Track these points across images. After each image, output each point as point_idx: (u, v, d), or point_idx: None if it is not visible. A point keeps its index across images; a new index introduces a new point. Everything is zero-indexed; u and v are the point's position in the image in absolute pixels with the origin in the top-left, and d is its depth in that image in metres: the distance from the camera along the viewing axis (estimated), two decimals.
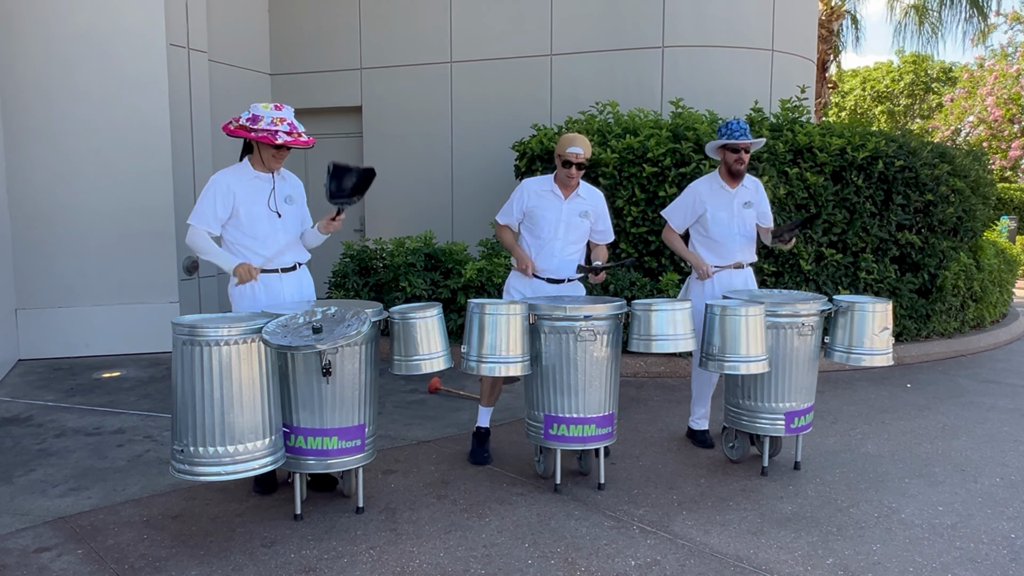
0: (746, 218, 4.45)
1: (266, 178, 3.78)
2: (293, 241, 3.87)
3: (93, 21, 6.82)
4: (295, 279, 3.87)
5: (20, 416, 5.20)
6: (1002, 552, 3.25)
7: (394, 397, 5.71)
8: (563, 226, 4.18)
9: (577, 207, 4.21)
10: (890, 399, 5.70)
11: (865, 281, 6.89)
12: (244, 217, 3.71)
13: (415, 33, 8.81)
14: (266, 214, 3.75)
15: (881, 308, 4.01)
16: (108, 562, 3.11)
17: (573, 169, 4.10)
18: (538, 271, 4.20)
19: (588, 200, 4.26)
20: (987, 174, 8.07)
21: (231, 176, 3.74)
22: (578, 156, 4.08)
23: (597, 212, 4.30)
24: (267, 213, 3.75)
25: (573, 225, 4.20)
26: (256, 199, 3.74)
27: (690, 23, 8.05)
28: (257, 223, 3.73)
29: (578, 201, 4.22)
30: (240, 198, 3.71)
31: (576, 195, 4.22)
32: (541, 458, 4.04)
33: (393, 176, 8.96)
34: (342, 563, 3.10)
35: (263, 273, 3.76)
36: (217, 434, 3.08)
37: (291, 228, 3.85)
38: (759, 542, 3.32)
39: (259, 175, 3.77)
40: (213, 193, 3.69)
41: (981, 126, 23.62)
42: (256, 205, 3.73)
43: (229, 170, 3.79)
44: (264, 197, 3.75)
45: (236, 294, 3.76)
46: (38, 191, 6.81)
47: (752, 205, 4.46)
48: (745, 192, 4.45)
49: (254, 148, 3.75)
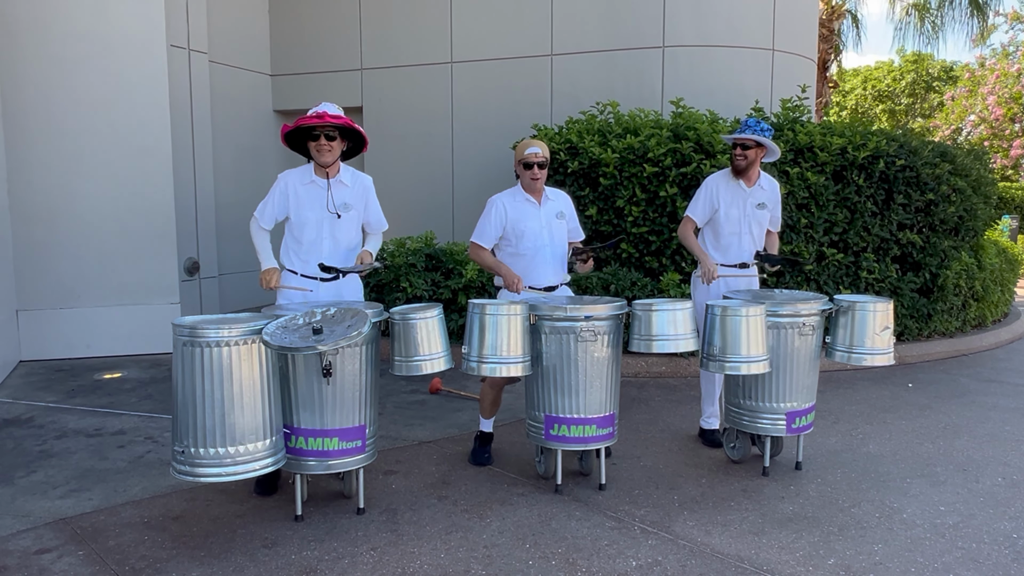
0: (758, 219, 4.43)
1: (322, 183, 3.81)
2: (343, 249, 3.87)
3: (93, 22, 6.83)
4: (334, 288, 3.88)
5: (21, 417, 5.20)
6: (1004, 552, 3.24)
7: (395, 398, 5.71)
8: (547, 232, 4.18)
9: (552, 209, 4.25)
10: (891, 399, 5.70)
11: (866, 280, 6.89)
12: (295, 220, 3.81)
13: (415, 33, 8.81)
14: (314, 221, 3.79)
15: (882, 307, 4.01)
16: (109, 563, 3.11)
17: (535, 169, 4.12)
18: (526, 287, 4.14)
19: (557, 201, 4.30)
20: (988, 173, 8.06)
21: (294, 176, 3.83)
22: (537, 156, 4.11)
23: (569, 211, 4.35)
24: (315, 220, 3.79)
25: (555, 228, 4.23)
26: (310, 204, 3.79)
27: (690, 23, 8.04)
28: (304, 228, 3.80)
29: (550, 204, 4.26)
30: (294, 201, 3.79)
31: (546, 198, 4.25)
32: (542, 458, 4.03)
33: (394, 177, 8.96)
34: (343, 564, 3.10)
35: (303, 278, 3.82)
36: (218, 435, 3.08)
37: (342, 236, 3.85)
38: (760, 542, 3.31)
39: (315, 179, 3.81)
40: (276, 190, 3.82)
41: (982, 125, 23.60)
42: (306, 210, 3.79)
43: (295, 170, 3.87)
44: (317, 202, 3.79)
45: (278, 293, 3.87)
46: (39, 192, 6.81)
47: (766, 207, 4.44)
48: (761, 193, 4.43)
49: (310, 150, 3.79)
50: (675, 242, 6.62)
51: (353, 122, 3.79)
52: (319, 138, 3.70)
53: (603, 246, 4.15)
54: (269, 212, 3.84)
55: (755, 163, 4.38)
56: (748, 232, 4.42)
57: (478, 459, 4.28)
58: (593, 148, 6.75)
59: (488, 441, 4.36)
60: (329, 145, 3.73)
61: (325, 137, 3.71)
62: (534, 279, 4.19)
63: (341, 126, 3.73)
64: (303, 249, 3.83)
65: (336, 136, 3.75)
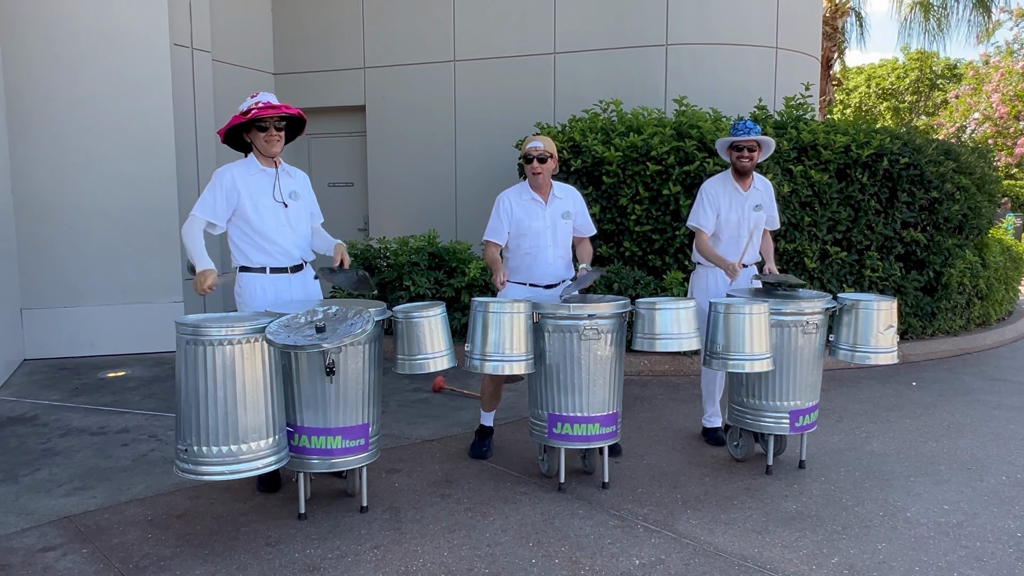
0: (755, 221, 4.45)
1: (270, 172, 3.78)
2: (300, 238, 3.85)
3: (97, 21, 6.84)
4: (301, 279, 3.86)
5: (25, 416, 5.21)
6: (1008, 551, 3.23)
7: (398, 396, 5.71)
8: (550, 233, 4.18)
9: (558, 209, 4.22)
10: (895, 397, 5.69)
11: (870, 279, 6.87)
12: (251, 211, 3.68)
13: (418, 32, 8.80)
14: (272, 206, 3.72)
15: (886, 306, 4.00)
16: (113, 561, 3.12)
17: (535, 163, 4.11)
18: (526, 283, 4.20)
19: (565, 199, 4.27)
20: (992, 171, 8.04)
21: (237, 169, 3.73)
22: (537, 149, 4.11)
23: (577, 208, 4.32)
24: (273, 205, 3.72)
25: (559, 228, 4.21)
26: (262, 191, 3.72)
27: (694, 21, 8.03)
28: (266, 216, 3.70)
29: (557, 203, 4.23)
30: (245, 192, 3.69)
31: (553, 196, 4.23)
32: (545, 457, 4.03)
33: (396, 175, 8.96)
34: (346, 562, 3.10)
35: (273, 273, 3.73)
36: (221, 434, 3.08)
37: (297, 224, 3.83)
38: (764, 541, 3.31)
39: (264, 169, 3.76)
40: (217, 185, 3.67)
41: (986, 123, 23.53)
42: (262, 197, 3.71)
43: (235, 164, 3.77)
44: (268, 192, 3.73)
45: (246, 294, 3.75)
46: (43, 191, 6.82)
47: (762, 208, 4.47)
48: (756, 195, 4.46)
49: (253, 143, 3.75)
50: (678, 240, 6.61)
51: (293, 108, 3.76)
52: (268, 129, 3.67)
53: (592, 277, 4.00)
54: (221, 206, 3.65)
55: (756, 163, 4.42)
56: (747, 235, 4.43)
57: (476, 452, 4.30)
58: (596, 147, 6.74)
59: (487, 435, 4.37)
60: (279, 135, 3.72)
61: (274, 128, 3.69)
62: (536, 276, 4.20)
63: (289, 116, 3.72)
64: (267, 236, 3.69)
65: (283, 126, 3.74)
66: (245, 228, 3.72)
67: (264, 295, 3.73)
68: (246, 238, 3.73)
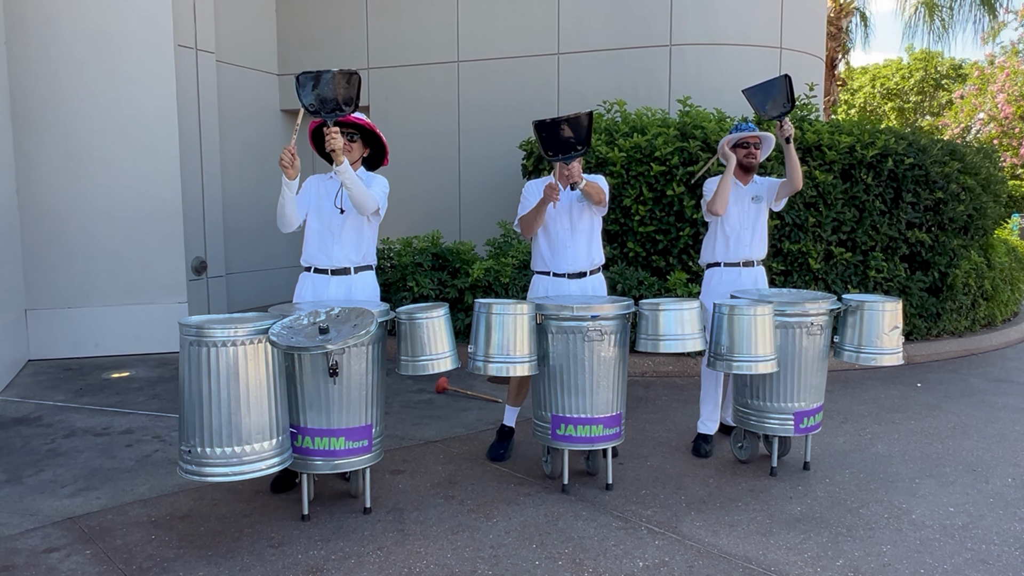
0: (756, 212, 4.49)
1: (337, 179, 3.83)
2: (347, 243, 3.85)
3: (101, 22, 6.85)
4: (345, 282, 3.85)
5: (30, 416, 5.22)
6: (1014, 553, 3.22)
7: (401, 397, 5.71)
8: (567, 217, 4.13)
9: (576, 192, 4.15)
10: (900, 398, 5.67)
11: (875, 280, 6.85)
12: (312, 213, 3.87)
13: (422, 33, 8.81)
14: (331, 211, 3.82)
15: (891, 307, 3.99)
16: (116, 562, 3.12)
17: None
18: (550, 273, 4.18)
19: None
20: (998, 171, 8.01)
21: (317, 175, 3.94)
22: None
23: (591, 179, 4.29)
24: (321, 214, 3.83)
25: (575, 211, 4.14)
26: (322, 197, 3.86)
27: (698, 21, 8.02)
28: (311, 221, 3.86)
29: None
30: (315, 195, 3.87)
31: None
32: (548, 458, 4.02)
33: (400, 176, 8.95)
34: (349, 564, 3.10)
35: (315, 273, 3.84)
36: (224, 435, 3.08)
37: (345, 231, 3.83)
38: (768, 543, 3.30)
39: (333, 175, 3.88)
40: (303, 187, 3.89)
41: (992, 123, 23.45)
42: (325, 202, 3.84)
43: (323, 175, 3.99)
44: (330, 196, 3.84)
45: (296, 288, 3.92)
46: (47, 192, 6.84)
47: (761, 198, 4.50)
48: (754, 187, 4.51)
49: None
50: (682, 241, 6.60)
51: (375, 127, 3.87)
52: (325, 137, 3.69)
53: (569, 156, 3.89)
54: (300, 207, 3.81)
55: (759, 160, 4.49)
56: (750, 227, 4.47)
57: (494, 453, 4.28)
58: (600, 147, 6.73)
59: (508, 436, 4.35)
60: (349, 146, 3.77)
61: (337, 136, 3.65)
62: (558, 265, 4.16)
63: (363, 127, 3.84)
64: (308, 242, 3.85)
65: (356, 138, 3.82)
66: (306, 228, 3.91)
67: (302, 292, 3.87)
68: (305, 237, 3.90)
